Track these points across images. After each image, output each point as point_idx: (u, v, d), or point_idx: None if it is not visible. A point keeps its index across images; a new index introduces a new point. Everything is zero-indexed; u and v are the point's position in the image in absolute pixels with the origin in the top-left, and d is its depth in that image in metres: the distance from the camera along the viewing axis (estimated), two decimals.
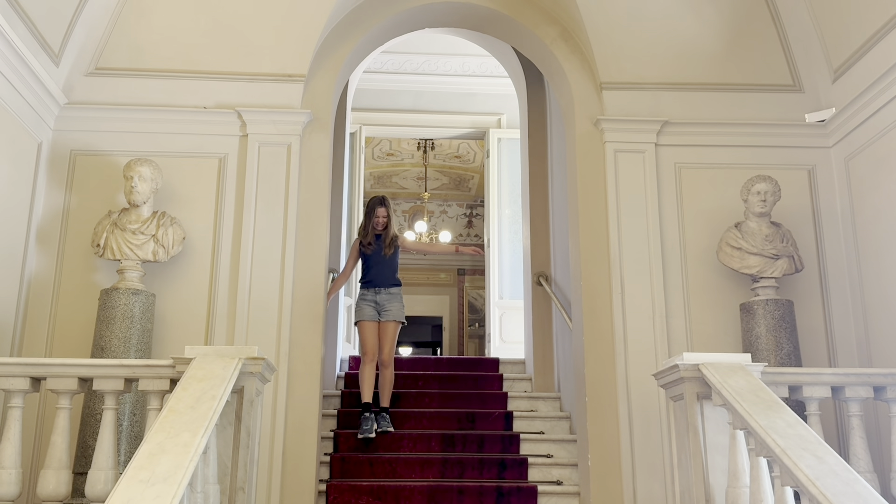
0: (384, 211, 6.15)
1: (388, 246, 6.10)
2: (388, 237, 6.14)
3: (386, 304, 6.00)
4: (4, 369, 3.93)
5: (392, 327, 5.98)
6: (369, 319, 5.97)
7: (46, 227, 5.22)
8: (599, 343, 5.25)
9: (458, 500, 5.17)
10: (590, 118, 5.64)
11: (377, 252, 6.10)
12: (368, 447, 5.74)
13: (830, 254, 5.43)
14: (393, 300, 6.03)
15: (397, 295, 6.08)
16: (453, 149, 13.14)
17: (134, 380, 3.97)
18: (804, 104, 5.65)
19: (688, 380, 3.99)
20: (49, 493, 3.86)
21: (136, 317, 4.79)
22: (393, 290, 6.07)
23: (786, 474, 3.11)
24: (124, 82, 5.45)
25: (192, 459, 2.92)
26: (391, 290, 6.06)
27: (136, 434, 4.63)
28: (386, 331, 5.95)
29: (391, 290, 6.06)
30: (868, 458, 4.18)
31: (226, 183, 5.37)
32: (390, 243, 6.12)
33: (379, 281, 6.06)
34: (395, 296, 6.06)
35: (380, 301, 6.01)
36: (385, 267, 6.10)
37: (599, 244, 5.41)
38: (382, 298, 6.01)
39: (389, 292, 6.04)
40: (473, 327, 15.65)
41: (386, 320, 5.97)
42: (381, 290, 6.03)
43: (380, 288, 6.03)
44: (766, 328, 4.96)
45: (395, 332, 6.00)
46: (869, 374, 4.25)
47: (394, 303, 6.02)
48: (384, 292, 6.03)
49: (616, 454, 5.06)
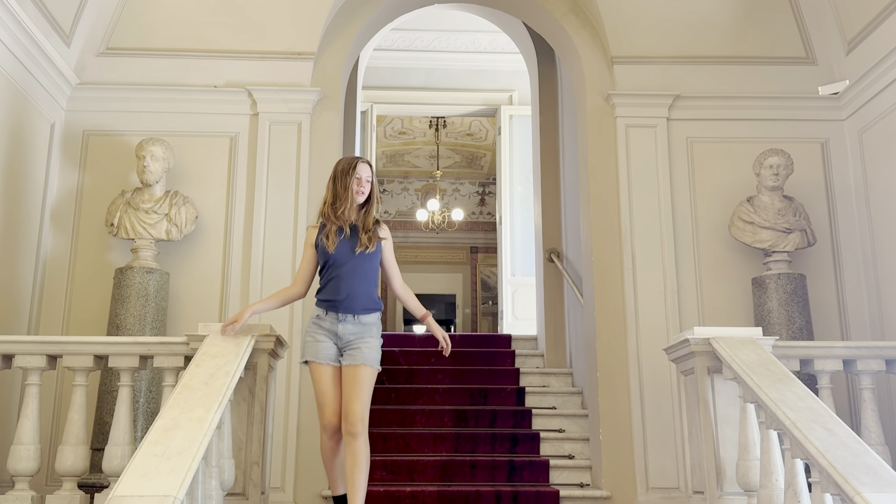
0: (369, 171, 3.82)
1: (368, 237, 3.75)
2: (367, 222, 3.80)
3: (354, 339, 3.71)
4: (21, 347, 3.98)
5: (362, 374, 3.66)
6: (325, 362, 3.71)
7: (60, 206, 5.25)
8: (611, 319, 5.25)
9: (471, 474, 5.20)
10: (601, 93, 5.59)
11: (345, 248, 3.73)
12: (381, 423, 5.75)
13: (843, 227, 5.39)
14: (365, 334, 3.72)
15: (373, 326, 3.77)
16: (465, 126, 13.09)
17: (149, 357, 4.01)
18: (817, 76, 5.58)
19: (698, 354, 3.99)
20: (67, 468, 3.92)
21: (151, 295, 4.83)
22: (368, 317, 3.75)
23: (796, 447, 3.11)
24: (135, 62, 5.46)
25: (206, 434, 2.95)
26: (364, 319, 3.73)
27: (153, 410, 4.68)
28: (354, 379, 3.65)
29: (364, 319, 3.73)
30: (880, 431, 4.18)
31: (237, 162, 5.37)
32: (370, 233, 3.77)
33: (345, 299, 3.70)
34: (368, 328, 3.74)
35: (343, 334, 3.71)
36: (358, 276, 3.73)
37: (611, 220, 5.38)
38: (348, 331, 3.70)
39: (361, 322, 3.72)
40: (486, 305, 15.66)
41: (352, 363, 3.68)
42: (347, 316, 3.71)
43: (345, 314, 3.71)
44: (779, 302, 4.94)
45: (369, 381, 3.69)
46: (881, 347, 4.24)
47: (367, 338, 3.72)
48: (352, 321, 3.71)
49: (627, 428, 5.07)
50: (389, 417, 5.79)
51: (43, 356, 3.99)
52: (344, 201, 3.75)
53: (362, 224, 3.78)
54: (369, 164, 3.85)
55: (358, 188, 3.77)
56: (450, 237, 15.71)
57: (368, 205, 3.82)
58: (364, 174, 3.78)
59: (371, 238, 3.74)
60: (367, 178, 3.80)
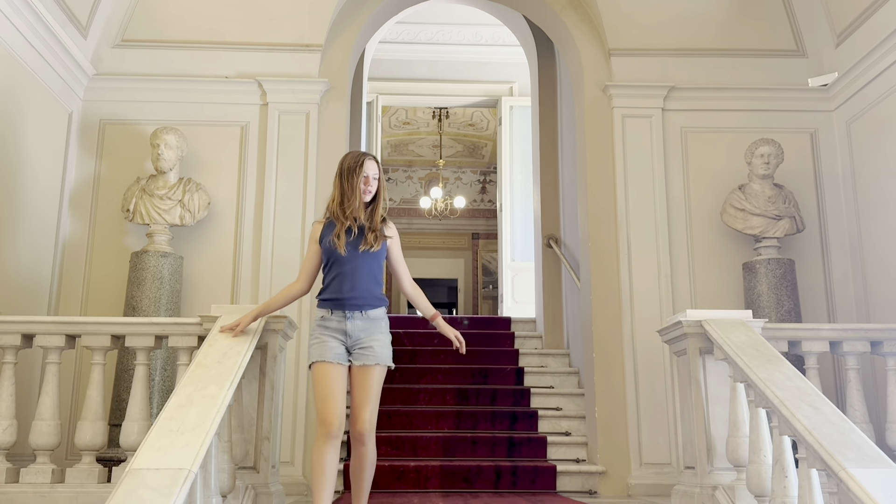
0: (375, 168, 3.52)
1: (374, 235, 3.47)
2: (374, 219, 3.51)
3: (364, 337, 3.39)
4: (42, 327, 4.00)
5: (375, 375, 3.37)
6: (333, 361, 3.34)
7: (78, 193, 5.25)
8: (607, 302, 5.25)
9: (472, 450, 5.22)
10: (598, 84, 5.58)
11: (351, 246, 3.43)
12: (386, 401, 5.76)
13: (831, 214, 5.38)
14: (375, 330, 3.42)
15: (381, 321, 3.47)
16: (467, 117, 13.06)
17: (164, 337, 4.03)
18: (807, 69, 5.56)
19: (691, 335, 4.00)
20: (86, 442, 3.94)
21: (166, 278, 4.84)
22: (375, 312, 3.43)
23: (784, 424, 3.12)
24: (149, 53, 5.44)
25: (219, 410, 2.96)
26: (372, 314, 3.42)
27: (167, 388, 4.70)
28: (365, 381, 3.36)
29: (372, 314, 3.42)
30: (864, 410, 4.19)
31: (248, 150, 5.37)
32: (377, 232, 3.49)
33: (351, 296, 3.40)
34: (377, 323, 3.44)
35: (353, 332, 3.39)
36: (364, 272, 3.45)
37: (607, 207, 5.38)
38: (357, 328, 3.39)
39: (369, 317, 3.41)
40: (487, 289, 15.68)
41: (364, 364, 3.36)
42: (354, 313, 3.39)
43: (353, 310, 3.39)
44: (768, 286, 4.94)
45: (379, 382, 3.41)
46: (867, 330, 4.24)
47: (377, 335, 3.42)
48: (360, 317, 3.40)
49: (622, 407, 5.09)
50: (394, 396, 5.81)
51: (62, 336, 4.00)
52: (352, 200, 3.45)
53: (369, 222, 3.49)
54: (376, 161, 3.55)
55: (365, 187, 3.47)
56: (452, 224, 15.70)
57: (375, 202, 3.52)
58: (371, 171, 3.48)
59: (377, 237, 3.46)
60: (375, 175, 3.50)
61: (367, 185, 3.47)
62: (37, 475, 3.85)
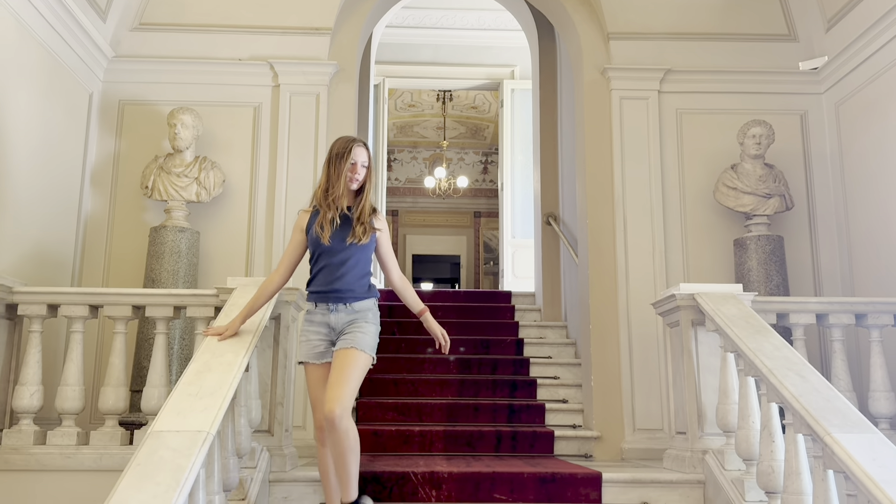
0: (365, 155, 3.24)
1: (363, 228, 3.18)
2: (362, 209, 3.21)
3: (347, 327, 3.17)
4: (66, 298, 4.01)
5: (349, 356, 3.08)
6: (318, 362, 3.21)
7: (99, 170, 5.24)
8: (603, 276, 5.25)
9: (474, 416, 5.24)
10: (597, 67, 5.53)
11: (338, 237, 3.17)
12: (393, 369, 5.79)
13: (819, 193, 5.36)
14: (360, 320, 3.18)
15: (368, 312, 3.21)
16: (470, 100, 12.99)
17: (182, 307, 4.04)
18: (799, 53, 5.51)
19: (684, 308, 4.00)
20: (109, 407, 3.97)
21: (183, 251, 4.84)
22: (360, 304, 3.19)
23: (772, 392, 3.13)
24: (166, 37, 5.41)
25: (236, 377, 2.98)
26: (357, 306, 3.19)
27: (186, 356, 4.72)
28: (341, 360, 3.09)
29: (357, 306, 3.19)
30: (848, 379, 4.20)
31: (260, 130, 5.35)
32: (365, 224, 3.20)
33: (337, 289, 3.17)
34: (362, 314, 3.19)
35: (336, 324, 3.18)
36: (349, 266, 3.19)
37: (604, 186, 5.36)
38: (341, 321, 3.17)
39: (354, 309, 3.18)
40: (488, 265, 15.68)
41: (342, 347, 3.12)
42: (338, 305, 3.17)
43: (336, 303, 3.17)
44: (758, 261, 4.94)
45: (358, 366, 3.09)
46: (851, 303, 4.24)
47: (361, 324, 3.16)
48: (344, 310, 3.17)
49: (616, 376, 5.10)
50: (400, 365, 5.83)
51: (86, 306, 4.02)
52: (336, 189, 3.16)
53: (357, 212, 3.19)
54: (366, 147, 3.25)
55: (352, 175, 3.17)
56: (455, 202, 15.68)
57: (363, 192, 3.21)
58: (360, 158, 3.18)
59: (366, 230, 3.17)
60: (364, 162, 3.20)
61: (353, 172, 3.18)
62: (63, 438, 3.88)
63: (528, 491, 3.78)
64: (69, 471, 3.80)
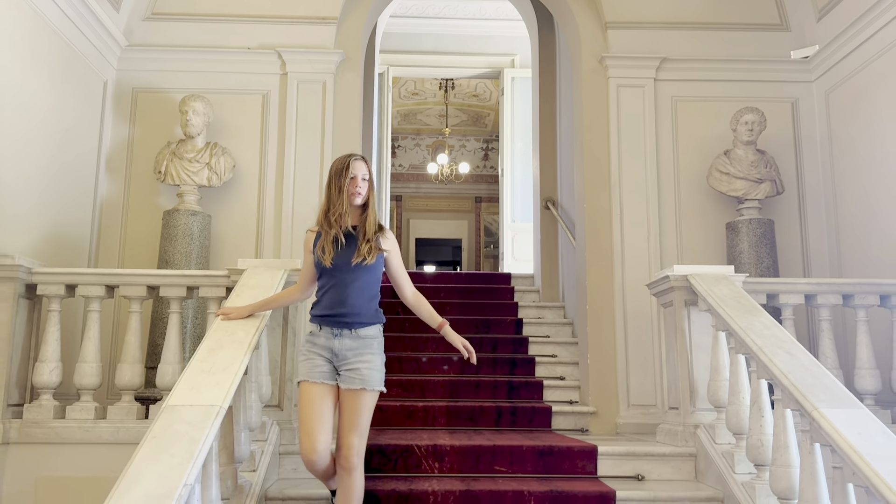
0: (365, 168, 3.03)
1: (368, 247, 2.96)
2: (367, 228, 3.00)
3: (351, 357, 2.93)
4: (84, 279, 4.03)
5: (361, 400, 2.90)
6: (319, 381, 2.91)
7: (114, 156, 5.24)
8: (600, 258, 5.26)
9: (475, 392, 5.27)
10: (595, 56, 5.51)
11: (343, 258, 2.96)
12: (397, 348, 5.81)
13: (809, 178, 5.35)
14: (364, 350, 2.95)
15: (374, 340, 2.99)
16: (471, 88, 12.93)
17: (195, 288, 4.06)
18: (790, 41, 5.48)
19: (677, 289, 4.01)
20: (125, 383, 4.00)
21: (195, 234, 4.85)
22: (366, 330, 2.97)
23: (761, 369, 3.15)
24: (178, 26, 5.39)
25: (247, 354, 2.99)
26: (363, 333, 2.96)
27: (198, 335, 4.74)
28: (351, 407, 2.89)
29: (363, 333, 2.96)
30: (835, 357, 4.22)
31: (269, 117, 5.34)
32: (371, 243, 2.98)
33: (341, 313, 2.94)
34: (367, 342, 2.96)
35: (340, 350, 2.94)
36: (355, 288, 2.95)
37: (601, 171, 5.35)
38: (345, 347, 2.93)
39: (359, 335, 2.95)
40: (489, 248, 15.68)
41: (350, 388, 2.89)
42: (343, 331, 2.94)
43: (341, 328, 2.94)
44: (749, 244, 4.94)
45: (367, 408, 2.92)
46: (839, 284, 4.25)
47: (366, 355, 2.94)
48: (349, 336, 2.94)
49: (612, 354, 5.12)
50: (404, 343, 5.85)
51: (102, 286, 4.04)
52: (338, 206, 2.95)
53: (362, 230, 2.98)
54: (365, 161, 3.04)
55: (353, 189, 2.97)
56: (457, 188, 15.66)
57: (368, 207, 3.01)
58: (359, 171, 2.98)
59: (371, 249, 2.93)
60: (364, 175, 3.00)
61: (354, 186, 2.97)
62: (81, 412, 3.91)
63: (527, 463, 3.81)
64: (87, 443, 3.83)
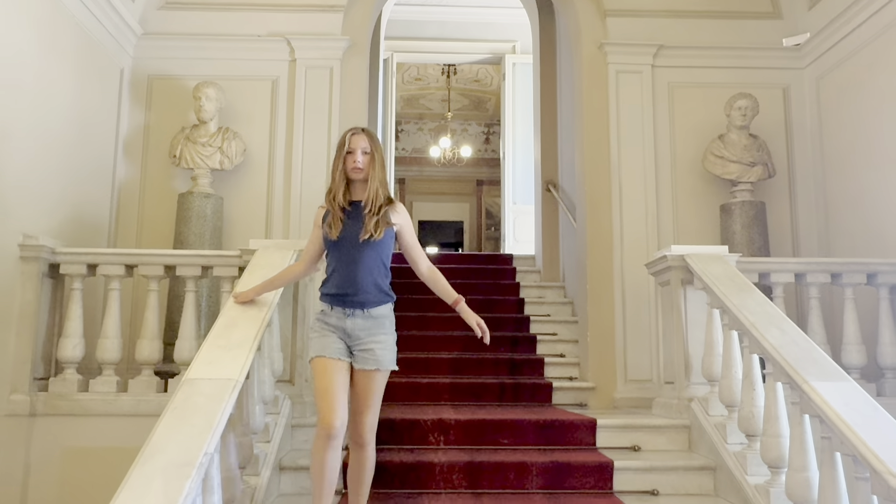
0: (365, 141, 2.84)
1: (375, 223, 2.79)
2: (371, 198, 2.82)
3: (364, 336, 2.81)
4: (104, 258, 4.07)
5: (375, 380, 2.82)
6: (333, 356, 2.77)
7: (131, 141, 5.25)
8: (599, 239, 5.27)
9: (479, 369, 5.31)
10: (594, 42, 5.49)
11: (350, 234, 2.81)
12: (403, 327, 5.81)
13: (799, 162, 5.36)
14: (377, 330, 2.82)
15: (385, 319, 2.86)
16: (473, 73, 12.87)
17: (209, 267, 4.09)
18: (782, 30, 5.46)
19: (674, 268, 4.04)
20: (145, 358, 4.04)
21: (209, 216, 4.88)
22: (378, 310, 2.83)
23: (754, 344, 3.18)
24: (191, 15, 5.37)
25: (260, 330, 3.03)
26: (375, 312, 2.82)
27: (213, 312, 4.77)
28: (365, 386, 2.81)
29: (375, 312, 2.82)
30: (823, 333, 4.25)
31: (278, 102, 5.34)
32: (378, 217, 2.80)
33: (352, 292, 2.79)
34: (380, 322, 2.83)
35: (353, 330, 2.81)
36: (366, 265, 2.80)
37: (601, 154, 5.36)
38: (357, 327, 2.80)
39: (371, 315, 2.81)
40: (490, 230, 15.69)
41: (363, 368, 2.80)
42: (355, 311, 2.80)
43: (353, 307, 2.80)
44: (742, 225, 4.96)
45: (380, 387, 2.85)
46: (827, 263, 4.28)
47: (379, 335, 2.82)
48: (361, 316, 2.81)
49: (610, 331, 5.16)
50: (409, 323, 5.87)
51: (122, 266, 4.07)
52: (337, 181, 2.81)
53: (370, 205, 2.79)
54: (367, 134, 2.85)
55: (352, 164, 2.79)
56: (459, 171, 15.63)
57: (370, 177, 2.80)
58: (359, 144, 2.79)
59: (378, 224, 2.76)
60: (364, 148, 2.80)
61: (353, 160, 2.79)
62: (104, 385, 3.96)
63: (528, 436, 3.86)
64: (110, 415, 3.89)
